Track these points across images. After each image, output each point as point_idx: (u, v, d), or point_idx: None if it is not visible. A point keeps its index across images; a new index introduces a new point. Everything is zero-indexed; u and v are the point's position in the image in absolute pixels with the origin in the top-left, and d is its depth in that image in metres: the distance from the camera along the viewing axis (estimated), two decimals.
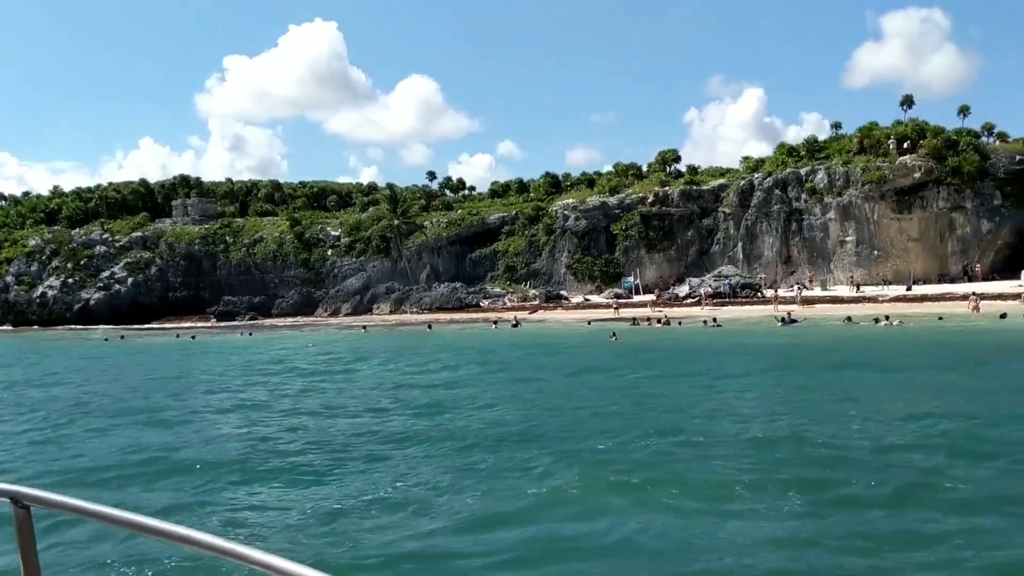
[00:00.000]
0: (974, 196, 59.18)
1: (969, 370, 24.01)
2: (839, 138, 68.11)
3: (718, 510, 10.63)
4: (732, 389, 21.78)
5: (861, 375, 23.38)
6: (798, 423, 16.44)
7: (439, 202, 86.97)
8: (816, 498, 11.02)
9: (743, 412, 18.32)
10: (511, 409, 19.48)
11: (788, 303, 53.93)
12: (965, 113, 64.54)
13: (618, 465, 12.98)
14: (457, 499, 11.55)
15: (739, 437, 15.05)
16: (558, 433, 15.94)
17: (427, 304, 70.49)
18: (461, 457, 14.27)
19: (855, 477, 11.90)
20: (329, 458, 14.55)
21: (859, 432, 15.31)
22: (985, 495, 10.92)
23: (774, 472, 12.31)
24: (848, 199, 61.53)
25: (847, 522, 10.10)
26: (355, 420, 18.77)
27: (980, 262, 58.84)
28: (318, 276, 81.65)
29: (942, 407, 17.67)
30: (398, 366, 31.07)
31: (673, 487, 11.64)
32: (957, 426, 15.45)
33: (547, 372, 27.31)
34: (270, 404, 22.13)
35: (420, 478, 12.86)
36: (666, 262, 70.06)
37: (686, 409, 18.68)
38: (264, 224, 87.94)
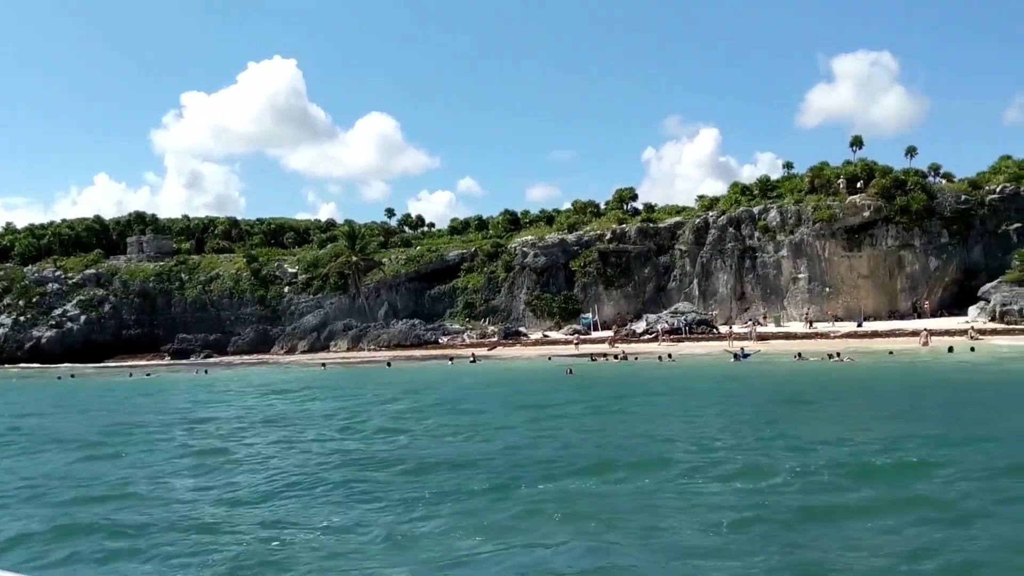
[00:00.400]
0: (922, 234, 60.54)
1: (909, 402, 24.78)
2: (791, 177, 69.44)
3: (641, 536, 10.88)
4: (677, 421, 22.15)
5: (804, 408, 23.91)
6: (726, 454, 17.07)
7: (398, 239, 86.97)
8: (734, 517, 11.80)
9: (681, 440, 18.95)
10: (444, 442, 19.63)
11: (742, 339, 54.60)
12: (912, 153, 66.31)
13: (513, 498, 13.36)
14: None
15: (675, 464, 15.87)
16: (492, 465, 16.12)
17: (385, 341, 70.17)
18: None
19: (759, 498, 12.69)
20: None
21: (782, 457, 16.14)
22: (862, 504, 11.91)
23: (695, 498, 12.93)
24: (800, 237, 62.66)
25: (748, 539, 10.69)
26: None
27: (928, 299, 60.06)
28: (275, 313, 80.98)
29: (869, 436, 18.56)
30: (346, 405, 30.97)
31: (591, 516, 12.12)
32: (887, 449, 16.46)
33: (493, 406, 27.40)
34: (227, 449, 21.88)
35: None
36: (624, 299, 70.58)
37: (620, 441, 19.29)
38: (220, 261, 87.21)
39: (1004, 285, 55.48)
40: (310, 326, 76.51)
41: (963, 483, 13.54)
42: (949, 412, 22.50)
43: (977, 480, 13.75)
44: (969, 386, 29.07)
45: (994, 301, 54.37)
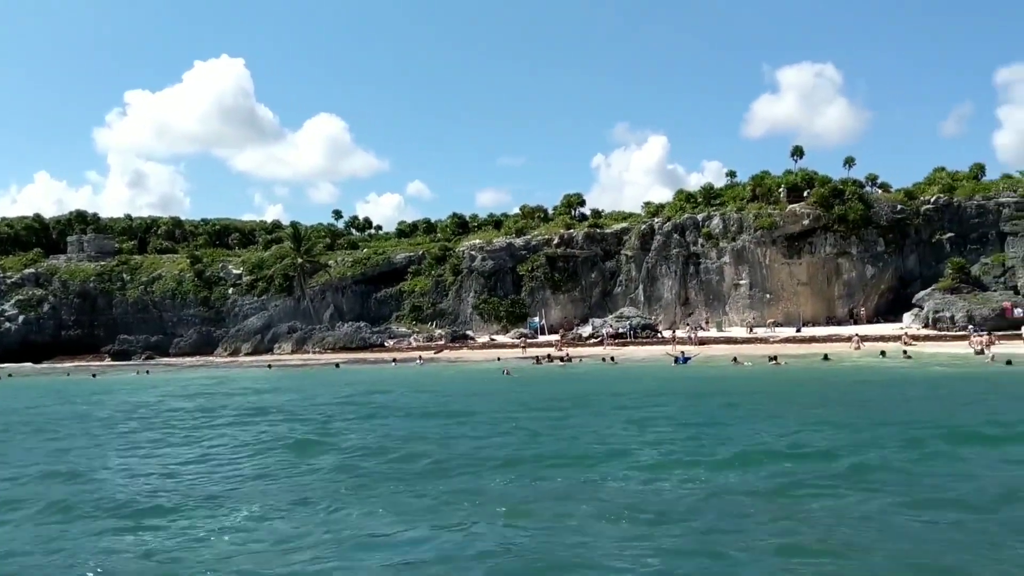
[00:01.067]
0: (859, 243, 62.03)
1: (826, 400, 25.76)
2: (734, 186, 70.68)
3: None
4: (607, 419, 22.66)
5: (728, 406, 24.65)
6: (638, 447, 17.73)
7: (344, 241, 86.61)
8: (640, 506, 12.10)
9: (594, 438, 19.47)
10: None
11: (685, 343, 55.42)
12: (850, 164, 67.94)
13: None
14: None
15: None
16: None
17: (330, 344, 69.74)
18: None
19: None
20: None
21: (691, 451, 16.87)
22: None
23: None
24: (741, 244, 63.82)
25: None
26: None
27: (865, 305, 61.59)
28: (218, 315, 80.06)
29: (781, 429, 19.62)
30: (283, 401, 30.97)
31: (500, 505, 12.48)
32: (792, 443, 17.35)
33: (418, 407, 27.65)
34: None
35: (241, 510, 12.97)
36: (570, 303, 71.16)
37: (544, 437, 19.73)
38: (163, 261, 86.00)
39: (937, 293, 57.16)
40: (254, 328, 75.73)
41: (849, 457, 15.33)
42: (858, 407, 24.04)
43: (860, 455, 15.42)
44: (886, 385, 30.27)
45: (927, 308, 55.97)
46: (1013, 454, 15.95)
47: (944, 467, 14.81)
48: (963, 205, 62.13)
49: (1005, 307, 53.76)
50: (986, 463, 15.13)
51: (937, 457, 15.75)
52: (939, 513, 11.62)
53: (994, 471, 14.36)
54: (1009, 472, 14.33)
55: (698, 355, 47.15)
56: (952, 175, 66.92)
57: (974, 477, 13.88)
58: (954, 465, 14.98)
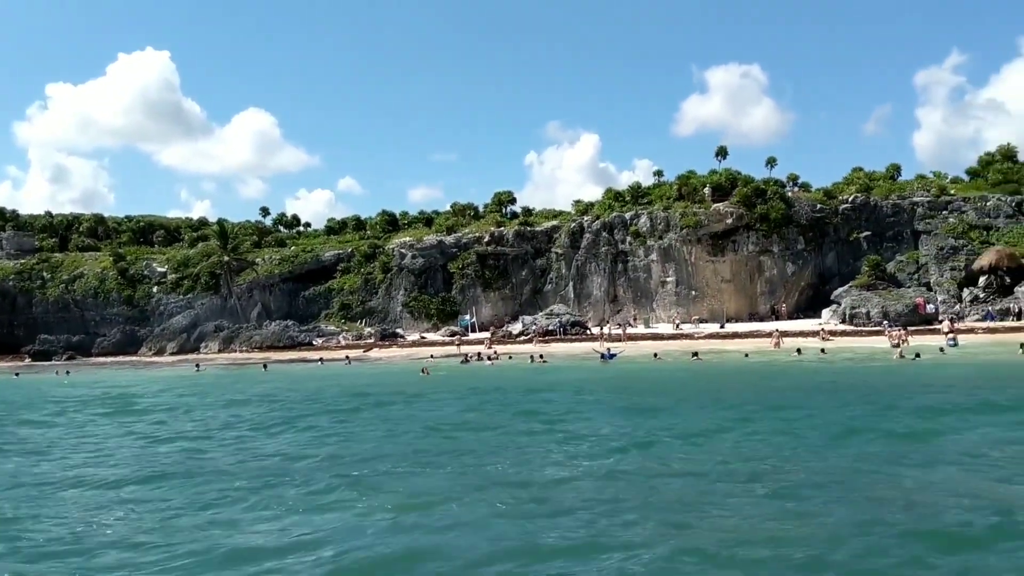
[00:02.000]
0: (780, 241, 63.61)
1: (732, 390, 26.75)
2: (661, 185, 71.82)
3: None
4: (523, 412, 23.16)
5: (638, 397, 25.45)
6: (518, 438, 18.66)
7: (272, 238, 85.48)
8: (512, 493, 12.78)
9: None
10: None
11: (613, 340, 56.16)
12: (772, 164, 69.52)
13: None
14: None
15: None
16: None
17: (257, 343, 68.89)
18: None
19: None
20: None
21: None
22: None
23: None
24: (668, 242, 64.92)
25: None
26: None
27: (785, 302, 63.19)
28: (143, 314, 78.41)
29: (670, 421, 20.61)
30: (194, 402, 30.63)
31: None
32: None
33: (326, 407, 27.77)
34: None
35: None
36: (501, 300, 71.47)
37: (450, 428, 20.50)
38: (85, 260, 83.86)
39: (854, 290, 58.98)
40: (180, 327, 74.39)
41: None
42: (760, 395, 25.69)
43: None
44: (795, 376, 31.70)
45: (844, 305, 57.72)
46: (812, 437, 17.54)
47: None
48: (879, 204, 64.13)
49: (918, 303, 55.73)
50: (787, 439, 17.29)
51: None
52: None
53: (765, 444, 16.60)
54: (789, 442, 16.56)
55: (623, 351, 47.82)
56: (869, 175, 69.07)
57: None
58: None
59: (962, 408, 20.71)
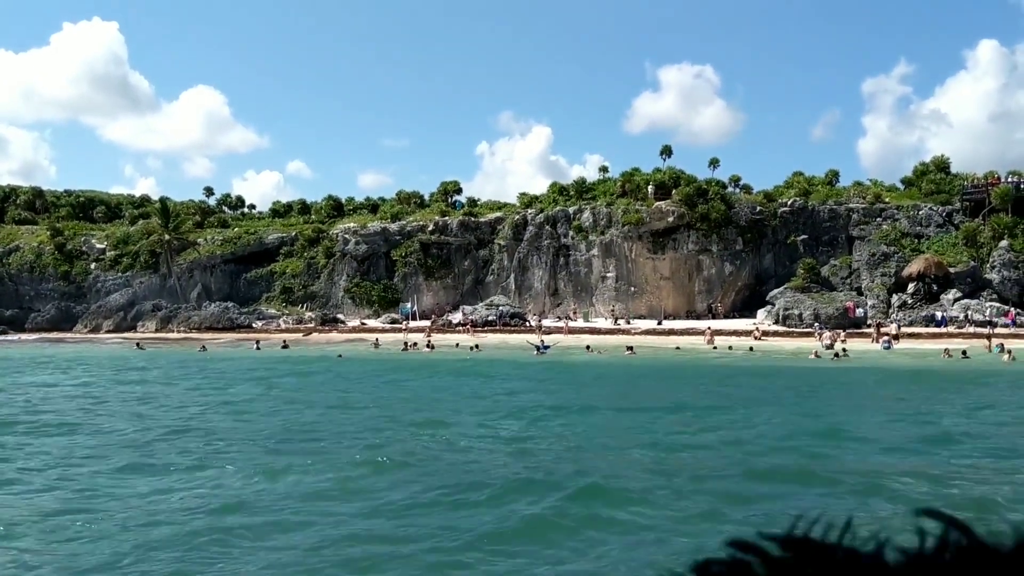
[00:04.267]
0: (719, 241, 64.63)
1: (661, 383, 27.55)
2: (606, 180, 72.55)
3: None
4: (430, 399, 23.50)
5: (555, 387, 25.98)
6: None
7: (215, 219, 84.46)
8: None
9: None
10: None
11: (552, 332, 56.72)
12: (715, 165, 70.64)
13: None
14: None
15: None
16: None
17: (196, 323, 68.15)
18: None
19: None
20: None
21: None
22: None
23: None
24: (610, 238, 65.61)
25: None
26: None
27: (723, 301, 64.31)
28: (79, 290, 77.08)
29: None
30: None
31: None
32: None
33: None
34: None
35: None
36: (443, 289, 71.61)
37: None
38: (21, 233, 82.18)
39: (788, 291, 60.23)
40: (117, 305, 73.26)
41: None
42: (677, 388, 26.98)
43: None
44: (718, 372, 32.54)
45: (779, 305, 58.92)
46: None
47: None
48: (817, 209, 65.48)
49: (848, 307, 57.12)
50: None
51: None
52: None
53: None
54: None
55: (557, 343, 48.34)
56: (809, 180, 70.46)
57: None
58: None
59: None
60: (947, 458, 14.40)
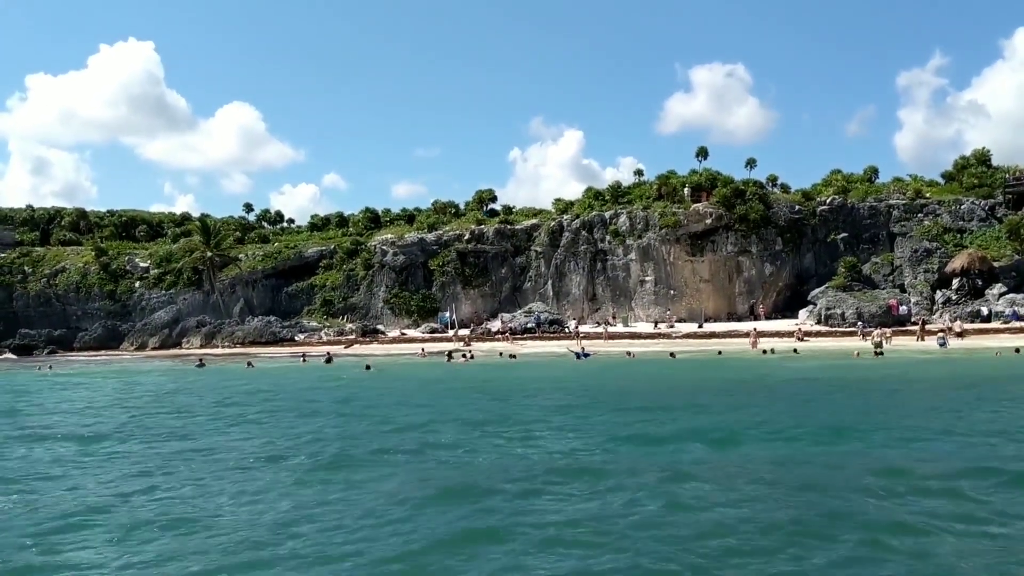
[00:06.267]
0: (758, 242, 64.26)
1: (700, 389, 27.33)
2: (641, 184, 72.41)
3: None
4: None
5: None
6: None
7: (255, 234, 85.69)
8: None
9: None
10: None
11: (591, 338, 56.78)
12: (752, 165, 70.23)
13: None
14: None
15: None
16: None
17: (240, 338, 69.10)
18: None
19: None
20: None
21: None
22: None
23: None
24: (647, 241, 65.49)
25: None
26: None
27: (764, 302, 63.90)
28: (124, 308, 78.52)
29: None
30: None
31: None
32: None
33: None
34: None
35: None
36: (481, 298, 71.93)
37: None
38: (67, 253, 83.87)
39: (830, 291, 59.73)
40: (162, 322, 74.52)
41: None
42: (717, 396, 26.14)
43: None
44: (763, 379, 32.00)
45: (820, 305, 58.46)
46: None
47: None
48: (856, 207, 64.87)
49: (891, 304, 56.51)
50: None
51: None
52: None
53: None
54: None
55: (597, 352, 48.36)
56: (847, 177, 69.81)
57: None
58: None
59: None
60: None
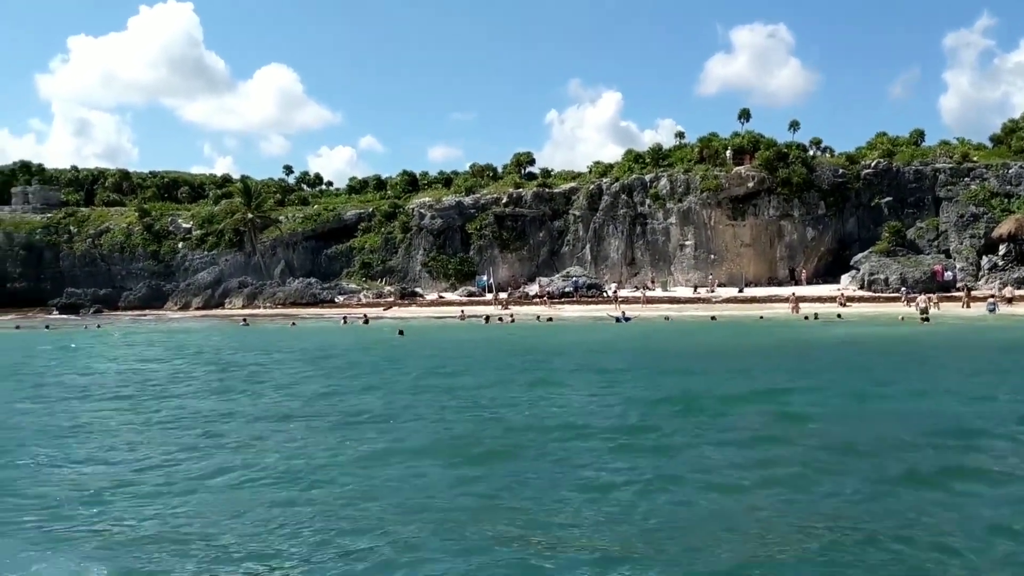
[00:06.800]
0: (801, 205, 63.44)
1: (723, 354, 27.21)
2: (682, 146, 71.60)
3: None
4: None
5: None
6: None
7: (295, 196, 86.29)
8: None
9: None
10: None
11: (629, 303, 56.66)
12: (795, 127, 69.14)
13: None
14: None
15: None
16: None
17: (281, 299, 69.90)
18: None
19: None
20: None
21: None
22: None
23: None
24: (688, 205, 64.90)
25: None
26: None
27: (805, 267, 63.19)
28: (168, 269, 79.72)
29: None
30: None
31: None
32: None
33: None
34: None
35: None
36: (518, 261, 71.90)
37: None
38: (111, 214, 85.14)
39: (873, 255, 58.89)
40: (205, 283, 75.57)
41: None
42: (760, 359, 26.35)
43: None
44: (809, 343, 31.85)
45: (863, 270, 57.71)
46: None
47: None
48: (902, 170, 63.65)
49: (936, 270, 55.67)
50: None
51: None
52: None
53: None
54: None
55: (637, 316, 48.29)
56: (893, 140, 68.45)
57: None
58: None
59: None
60: None
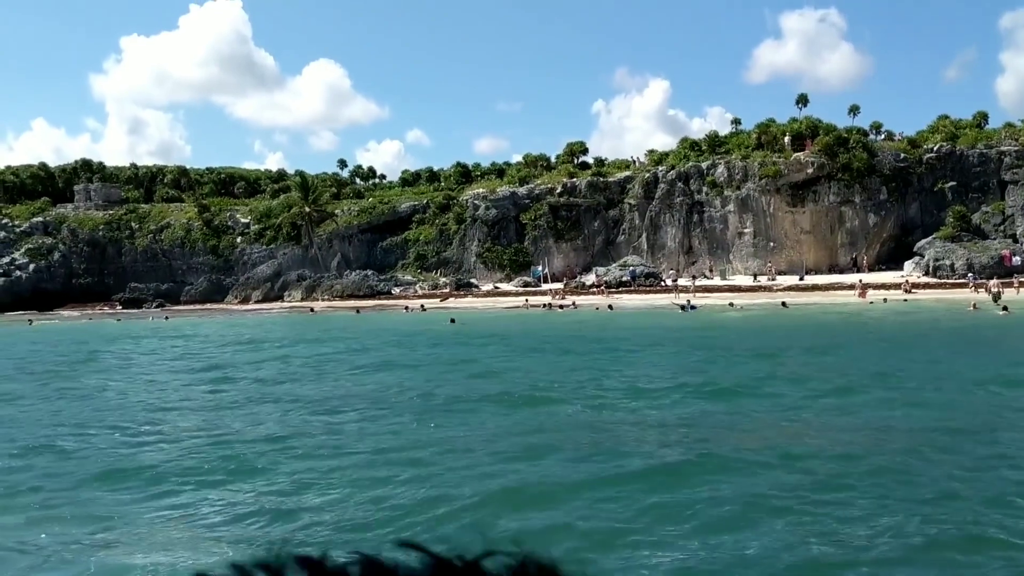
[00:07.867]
0: (862, 191, 62.43)
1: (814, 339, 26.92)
2: (738, 133, 70.82)
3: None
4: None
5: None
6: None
7: (350, 190, 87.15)
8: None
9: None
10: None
11: (687, 291, 56.37)
12: (855, 112, 68.01)
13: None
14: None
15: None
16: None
17: (338, 291, 70.76)
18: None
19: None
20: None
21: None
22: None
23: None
24: (746, 192, 64.25)
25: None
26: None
27: (867, 254, 62.22)
28: (227, 263, 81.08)
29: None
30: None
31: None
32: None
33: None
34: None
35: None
36: (573, 251, 71.82)
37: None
38: (171, 210, 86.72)
39: (938, 241, 57.80)
40: (264, 276, 76.79)
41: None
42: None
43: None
44: (865, 330, 31.80)
45: (928, 256, 56.68)
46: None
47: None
48: (965, 154, 62.33)
49: (1004, 255, 54.49)
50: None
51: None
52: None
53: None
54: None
55: (704, 305, 48.10)
56: (955, 123, 67.04)
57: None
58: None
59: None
60: None
